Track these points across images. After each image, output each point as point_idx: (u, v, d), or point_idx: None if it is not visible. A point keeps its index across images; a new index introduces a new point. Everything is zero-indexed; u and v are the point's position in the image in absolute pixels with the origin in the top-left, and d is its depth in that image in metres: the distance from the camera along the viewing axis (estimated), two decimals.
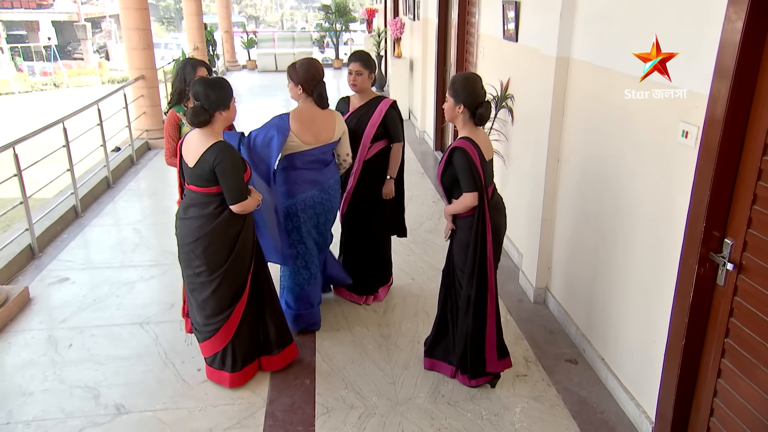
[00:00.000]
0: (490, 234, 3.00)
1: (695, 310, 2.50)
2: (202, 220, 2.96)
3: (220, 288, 3.07)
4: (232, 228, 3.00)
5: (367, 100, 3.81)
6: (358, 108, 3.81)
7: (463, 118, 2.99)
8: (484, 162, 2.97)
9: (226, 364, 3.24)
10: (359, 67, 3.70)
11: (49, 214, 5.47)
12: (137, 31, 7.86)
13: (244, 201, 2.93)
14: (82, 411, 3.12)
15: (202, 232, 2.96)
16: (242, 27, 17.35)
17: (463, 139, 2.97)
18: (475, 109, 2.95)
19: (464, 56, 6.26)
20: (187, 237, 3.01)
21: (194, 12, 11.98)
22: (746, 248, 2.29)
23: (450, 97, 3.00)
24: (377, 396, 3.22)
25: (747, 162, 2.25)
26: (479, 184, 2.91)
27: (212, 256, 3.00)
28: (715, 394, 2.51)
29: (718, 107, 2.24)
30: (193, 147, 2.90)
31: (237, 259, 3.06)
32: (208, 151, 2.85)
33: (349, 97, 3.91)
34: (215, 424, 3.03)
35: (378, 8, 14.96)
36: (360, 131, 3.76)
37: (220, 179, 2.88)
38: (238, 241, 3.04)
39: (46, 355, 3.60)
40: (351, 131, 3.73)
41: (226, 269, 3.04)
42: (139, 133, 8.17)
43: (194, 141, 2.91)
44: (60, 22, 33.93)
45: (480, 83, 2.98)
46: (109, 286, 4.44)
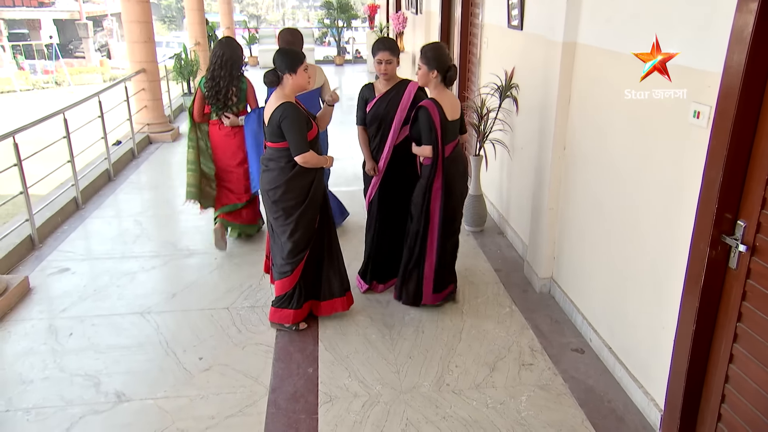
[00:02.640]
0: (440, 181, 3.57)
1: (706, 294, 2.45)
2: (277, 171, 3.43)
3: (295, 232, 3.47)
4: (303, 179, 3.44)
5: (393, 84, 3.81)
6: (386, 93, 3.80)
7: (435, 81, 3.54)
8: (445, 121, 3.50)
9: (292, 303, 3.61)
10: (388, 55, 3.68)
11: (50, 205, 5.43)
12: (138, 24, 7.82)
13: (306, 153, 3.32)
14: (82, 399, 3.08)
15: (277, 183, 3.42)
16: (244, 25, 17.29)
17: (429, 100, 3.49)
18: (446, 73, 3.51)
19: (467, 47, 6.21)
20: (266, 185, 3.48)
21: (196, 7, 11.94)
22: (760, 230, 2.24)
23: (423, 64, 3.54)
24: (381, 384, 3.17)
25: (761, 141, 2.20)
26: (434, 140, 3.48)
27: (287, 202, 3.44)
28: (727, 379, 2.46)
29: (731, 82, 2.19)
30: (268, 108, 3.40)
31: (308, 208, 3.48)
32: (277, 109, 3.31)
33: (373, 84, 3.89)
34: (217, 412, 2.98)
35: (380, 4, 14.91)
36: (390, 116, 3.77)
37: (285, 134, 3.31)
38: (310, 191, 3.46)
39: (46, 344, 3.56)
40: (380, 117, 3.79)
41: (299, 215, 3.45)
42: (140, 126, 8.12)
43: (270, 103, 3.41)
44: (62, 21, 33.91)
45: (446, 50, 3.64)
46: (109, 276, 4.39)
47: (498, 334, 3.63)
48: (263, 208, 3.74)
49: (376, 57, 3.72)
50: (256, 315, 3.86)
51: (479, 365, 3.32)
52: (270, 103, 3.40)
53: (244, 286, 4.22)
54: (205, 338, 3.61)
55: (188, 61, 10.07)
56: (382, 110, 3.79)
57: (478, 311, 3.89)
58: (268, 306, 3.92)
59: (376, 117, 3.81)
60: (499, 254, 4.73)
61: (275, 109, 3.31)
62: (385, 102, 3.79)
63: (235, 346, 3.54)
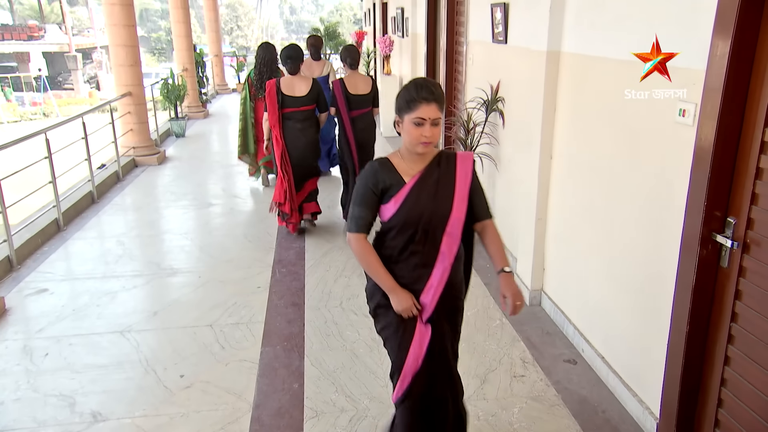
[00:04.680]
0: (350, 134, 5.29)
1: (698, 295, 2.39)
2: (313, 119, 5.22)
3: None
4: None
5: (432, 158, 2.25)
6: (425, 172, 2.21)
7: (346, 68, 5.46)
8: (348, 94, 5.22)
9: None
10: (436, 110, 2.09)
11: (30, 227, 5.31)
12: (124, 48, 7.81)
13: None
14: (55, 419, 2.94)
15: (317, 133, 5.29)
16: (233, 54, 17.41)
17: (337, 80, 5.30)
18: (352, 62, 5.40)
19: (453, 66, 6.24)
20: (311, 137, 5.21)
21: (184, 34, 11.99)
22: (750, 226, 2.20)
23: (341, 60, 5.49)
24: (369, 399, 3.06)
25: (748, 135, 2.18)
26: (335, 105, 5.25)
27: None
28: (723, 383, 2.39)
29: (716, 77, 2.17)
30: (297, 84, 5.06)
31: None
32: (314, 83, 5.13)
33: (389, 159, 2.24)
34: (197, 429, 2.86)
35: (367, 31, 15.09)
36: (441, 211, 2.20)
37: (319, 97, 5.15)
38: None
39: (20, 365, 3.42)
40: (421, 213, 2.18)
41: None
42: (125, 150, 8.05)
43: (296, 82, 5.07)
44: (51, 53, 34.04)
45: (356, 47, 5.61)
46: (89, 296, 4.27)
47: (489, 347, 3.54)
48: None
49: (415, 112, 2.07)
50: (240, 332, 3.74)
51: (470, 377, 3.23)
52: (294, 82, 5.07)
53: (228, 303, 4.11)
54: (186, 356, 3.49)
55: (175, 86, 10.06)
56: (425, 203, 2.18)
57: (467, 324, 3.77)
58: (253, 323, 3.83)
59: (416, 217, 2.19)
60: (488, 268, 4.66)
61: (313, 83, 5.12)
62: (427, 187, 2.19)
63: (218, 363, 3.42)
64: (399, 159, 2.24)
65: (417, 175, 2.20)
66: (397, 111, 2.16)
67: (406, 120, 2.11)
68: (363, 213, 2.21)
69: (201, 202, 6.58)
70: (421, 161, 2.22)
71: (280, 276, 4.56)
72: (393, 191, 2.19)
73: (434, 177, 2.21)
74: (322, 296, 4.20)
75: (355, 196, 2.23)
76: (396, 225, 2.21)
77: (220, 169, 8.21)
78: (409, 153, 2.20)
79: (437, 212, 2.19)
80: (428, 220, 2.18)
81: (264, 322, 3.86)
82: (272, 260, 4.85)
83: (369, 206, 2.21)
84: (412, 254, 2.23)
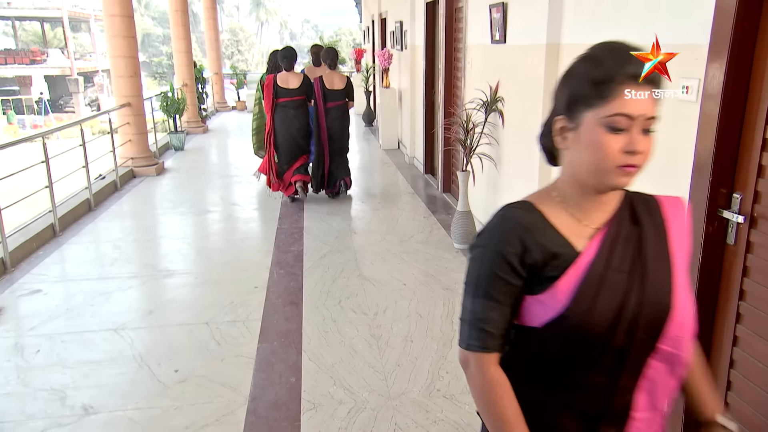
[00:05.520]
0: (323, 121, 6.40)
1: (705, 274, 2.34)
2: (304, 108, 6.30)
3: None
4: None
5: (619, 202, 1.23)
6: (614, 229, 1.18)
7: (325, 67, 6.53)
8: (324, 89, 6.31)
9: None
10: (653, 103, 1.17)
11: (25, 231, 5.26)
12: (124, 59, 7.83)
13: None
14: (45, 412, 2.86)
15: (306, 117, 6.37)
16: (233, 72, 17.55)
17: (318, 77, 6.33)
18: (331, 62, 6.44)
19: (452, 72, 6.25)
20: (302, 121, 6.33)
21: (184, 50, 12.06)
22: (758, 199, 2.16)
23: (322, 62, 6.57)
24: (368, 391, 2.98)
25: (752, 108, 2.15)
26: (313, 98, 6.32)
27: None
28: (732, 364, 2.32)
29: (719, 51, 2.15)
30: (291, 79, 6.18)
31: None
32: (305, 78, 6.24)
33: (534, 205, 1.23)
34: (191, 422, 2.77)
35: (366, 48, 15.21)
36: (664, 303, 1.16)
37: (308, 91, 6.26)
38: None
39: (10, 361, 3.34)
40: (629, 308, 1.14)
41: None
42: (123, 160, 8.02)
43: (290, 77, 6.18)
44: (53, 77, 34.27)
45: (336, 50, 6.56)
46: (84, 296, 4.19)
47: None
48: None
49: (613, 104, 1.08)
50: (236, 329, 3.67)
51: None
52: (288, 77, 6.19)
53: (225, 303, 4.04)
54: (181, 352, 3.41)
55: (174, 100, 10.08)
56: (623, 290, 1.12)
57: None
58: (249, 320, 3.76)
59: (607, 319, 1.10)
60: None
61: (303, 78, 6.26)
62: (624, 258, 1.14)
63: (214, 358, 3.34)
64: (556, 205, 1.19)
65: (600, 235, 1.15)
66: (567, 107, 1.13)
67: (589, 122, 1.09)
68: (491, 314, 1.13)
69: (199, 209, 6.54)
70: (603, 207, 1.18)
71: (278, 277, 4.50)
72: (556, 268, 1.12)
73: (632, 239, 1.17)
74: (321, 295, 4.14)
75: (471, 278, 1.17)
76: (561, 335, 1.11)
77: (219, 179, 8.18)
78: (582, 192, 1.16)
79: (646, 308, 1.11)
80: (631, 324, 1.10)
81: (261, 319, 3.78)
82: (270, 262, 4.79)
83: (502, 300, 1.13)
84: (588, 392, 1.15)
